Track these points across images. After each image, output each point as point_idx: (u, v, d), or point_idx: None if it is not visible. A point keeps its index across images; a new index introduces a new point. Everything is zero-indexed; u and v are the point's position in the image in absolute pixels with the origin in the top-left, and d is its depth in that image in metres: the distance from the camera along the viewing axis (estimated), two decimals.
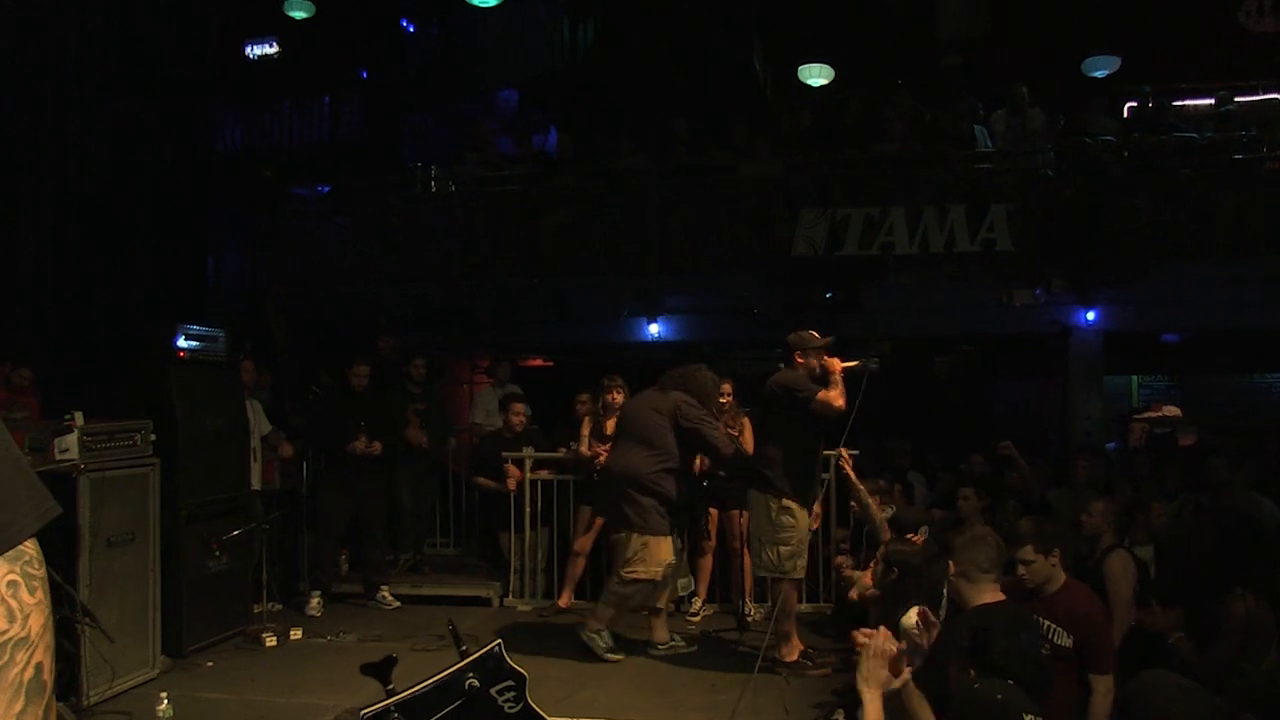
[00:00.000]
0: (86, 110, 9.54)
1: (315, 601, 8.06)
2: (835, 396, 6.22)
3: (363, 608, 8.26)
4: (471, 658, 2.21)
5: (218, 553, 7.01)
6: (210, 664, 6.67)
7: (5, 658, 1.15)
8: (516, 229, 11.45)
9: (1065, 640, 4.38)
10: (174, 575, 6.58)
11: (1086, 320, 10.78)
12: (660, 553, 6.64)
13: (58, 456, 5.72)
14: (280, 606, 7.97)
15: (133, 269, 9.62)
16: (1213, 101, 11.81)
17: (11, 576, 1.18)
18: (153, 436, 6.35)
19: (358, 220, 12.21)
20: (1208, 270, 10.26)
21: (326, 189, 12.97)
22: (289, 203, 12.62)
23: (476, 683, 2.18)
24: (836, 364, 6.33)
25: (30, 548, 1.22)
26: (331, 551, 8.49)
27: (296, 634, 7.33)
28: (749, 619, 7.42)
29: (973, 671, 3.60)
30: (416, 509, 9.39)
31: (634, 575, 6.64)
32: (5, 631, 1.16)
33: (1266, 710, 3.61)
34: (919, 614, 3.50)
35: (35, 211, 9.00)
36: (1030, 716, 3.04)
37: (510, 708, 2.21)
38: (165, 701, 4.96)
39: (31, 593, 1.20)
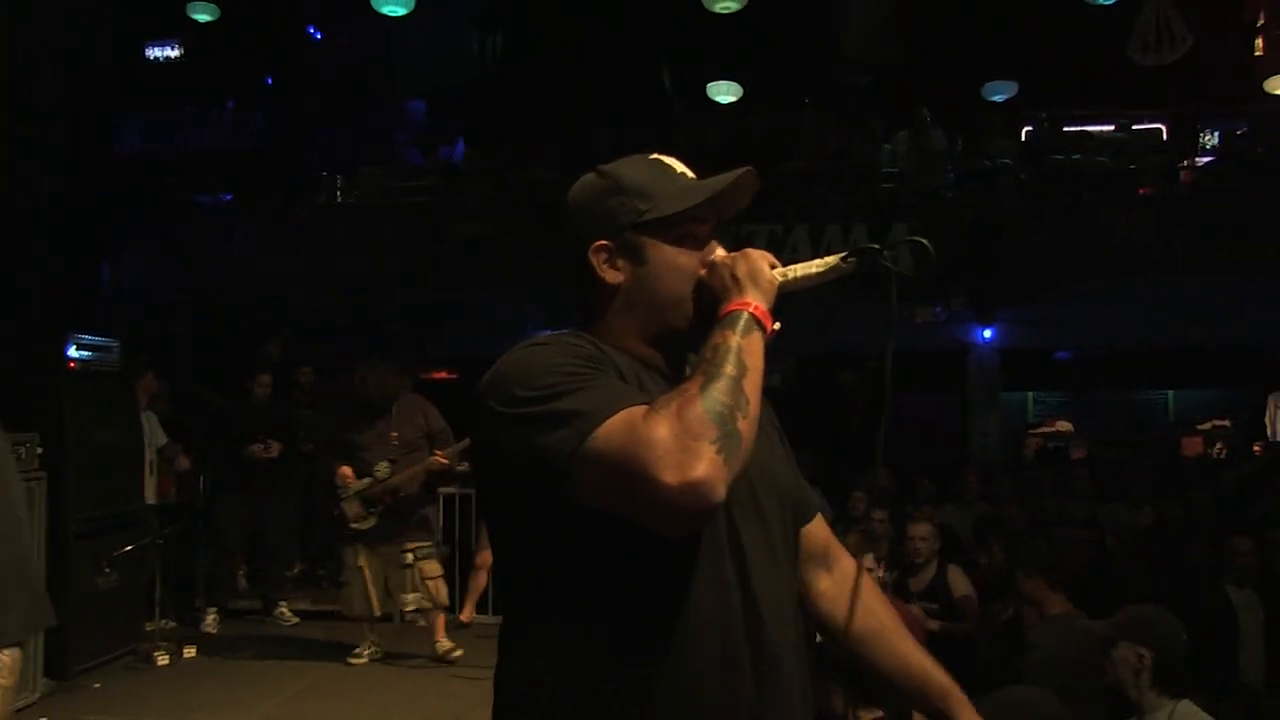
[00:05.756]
0: None
1: (211, 618, 7.90)
2: None
3: (260, 624, 8.11)
4: None
5: (108, 569, 6.80)
6: (98, 685, 6.48)
7: None
8: (423, 241, 11.36)
9: None
10: (60, 593, 6.36)
11: (984, 338, 11.07)
12: None
13: None
14: (174, 624, 7.82)
15: (23, 275, 9.35)
16: (1112, 127, 12.22)
17: None
18: (39, 449, 6.14)
19: (262, 229, 12.00)
20: (1099, 290, 10.59)
21: (230, 197, 12.74)
22: (192, 210, 12.36)
23: None
24: None
25: (6, 656, 1.18)
26: (229, 566, 8.34)
27: (190, 652, 7.15)
28: None
29: None
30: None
31: None
32: None
33: None
34: None
35: None
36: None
37: None
38: None
39: None
